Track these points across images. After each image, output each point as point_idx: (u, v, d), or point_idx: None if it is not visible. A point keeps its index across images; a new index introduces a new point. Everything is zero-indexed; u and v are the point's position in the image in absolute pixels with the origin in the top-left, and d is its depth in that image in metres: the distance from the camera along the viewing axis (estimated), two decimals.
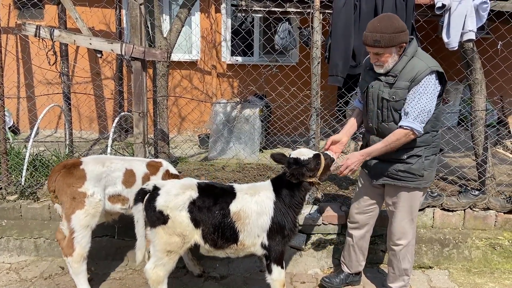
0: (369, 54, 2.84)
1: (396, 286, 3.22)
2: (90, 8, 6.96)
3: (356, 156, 2.84)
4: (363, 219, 3.29)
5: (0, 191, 4.17)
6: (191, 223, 2.75)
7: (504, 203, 3.88)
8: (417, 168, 2.88)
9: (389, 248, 3.21)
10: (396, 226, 3.09)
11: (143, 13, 3.85)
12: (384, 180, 3.01)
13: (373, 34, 2.68)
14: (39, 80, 7.26)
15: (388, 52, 2.71)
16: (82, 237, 3.05)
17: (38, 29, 3.85)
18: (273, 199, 2.84)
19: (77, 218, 3.03)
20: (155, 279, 2.81)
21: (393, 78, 2.78)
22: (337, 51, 3.95)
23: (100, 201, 3.09)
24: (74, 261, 3.05)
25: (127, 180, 3.21)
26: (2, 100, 4.20)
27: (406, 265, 3.14)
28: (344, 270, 3.46)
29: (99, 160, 3.20)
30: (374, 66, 2.84)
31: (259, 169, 5.38)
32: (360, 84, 3.09)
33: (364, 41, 2.77)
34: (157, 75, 4.78)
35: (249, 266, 3.75)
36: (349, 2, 3.90)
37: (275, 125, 5.97)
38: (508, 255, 3.82)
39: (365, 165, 3.09)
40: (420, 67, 2.72)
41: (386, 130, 2.87)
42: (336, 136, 3.07)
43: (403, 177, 2.92)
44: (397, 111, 2.81)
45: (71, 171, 3.05)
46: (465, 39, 3.83)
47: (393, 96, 2.78)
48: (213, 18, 7.53)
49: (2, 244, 3.91)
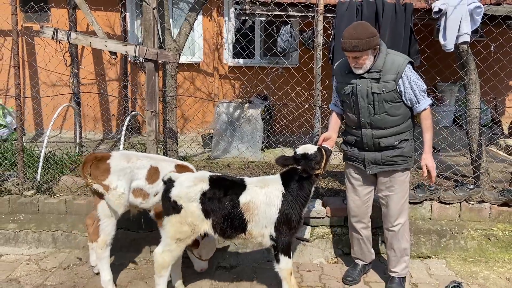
0: (348, 58, 3.11)
1: (400, 269, 3.41)
2: (95, 12, 7.16)
3: (430, 156, 3.13)
4: (363, 211, 3.49)
5: (18, 187, 4.34)
6: (202, 213, 2.93)
7: (497, 196, 4.10)
8: (408, 150, 3.21)
9: (388, 231, 3.40)
10: (394, 207, 3.32)
11: (156, 17, 4.05)
12: (379, 168, 3.25)
13: (351, 41, 2.96)
14: (43, 81, 7.43)
15: (365, 54, 3.00)
16: (107, 225, 3.26)
17: (56, 31, 4.03)
18: (282, 192, 3.01)
19: (102, 207, 3.24)
20: (161, 263, 2.98)
21: (377, 73, 3.07)
22: (341, 53, 4.16)
23: (123, 194, 3.26)
24: (98, 247, 3.26)
25: (150, 177, 3.36)
26: (20, 100, 4.38)
27: (405, 244, 3.38)
28: (359, 263, 3.63)
29: (126, 156, 3.37)
30: (354, 69, 3.11)
31: (262, 167, 5.58)
32: (338, 87, 3.32)
33: (343, 47, 3.03)
34: (167, 76, 4.98)
35: (257, 257, 3.94)
36: (352, 7, 4.13)
37: (278, 125, 6.18)
38: (502, 245, 4.04)
39: (356, 159, 3.34)
40: (399, 60, 3.08)
41: (379, 121, 3.15)
42: (326, 133, 3.34)
43: (397, 161, 3.20)
44: (387, 102, 3.09)
45: (98, 164, 3.24)
46: (460, 41, 4.05)
47: (383, 89, 3.07)
48: (215, 21, 7.73)
49: (21, 237, 4.10)
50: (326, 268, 3.80)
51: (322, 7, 4.12)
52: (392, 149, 3.19)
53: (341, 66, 3.29)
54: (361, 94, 3.14)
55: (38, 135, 7.54)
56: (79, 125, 5.67)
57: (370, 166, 3.28)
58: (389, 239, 3.42)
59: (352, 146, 3.36)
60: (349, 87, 3.19)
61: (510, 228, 4.06)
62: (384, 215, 3.43)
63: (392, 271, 3.45)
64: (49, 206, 4.15)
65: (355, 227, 3.55)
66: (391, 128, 3.16)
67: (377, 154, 3.23)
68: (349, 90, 3.19)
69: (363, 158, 3.29)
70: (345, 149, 3.44)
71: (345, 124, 3.43)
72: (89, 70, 7.57)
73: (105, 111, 7.66)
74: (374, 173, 3.31)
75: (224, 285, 3.48)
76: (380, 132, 3.18)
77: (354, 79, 3.16)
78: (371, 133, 3.20)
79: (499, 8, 4.62)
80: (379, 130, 3.17)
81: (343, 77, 3.25)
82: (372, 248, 3.64)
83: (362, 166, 3.33)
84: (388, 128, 3.16)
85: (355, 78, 3.15)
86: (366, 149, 3.27)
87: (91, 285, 3.44)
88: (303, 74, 5.14)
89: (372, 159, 3.25)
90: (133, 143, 6.42)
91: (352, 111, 3.26)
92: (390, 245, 3.43)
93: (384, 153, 3.20)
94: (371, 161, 3.26)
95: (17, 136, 4.39)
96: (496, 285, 3.56)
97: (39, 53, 6.44)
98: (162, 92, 5.26)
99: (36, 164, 4.61)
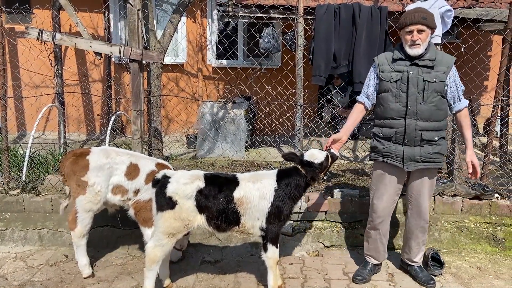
0: (407, 36, 3.10)
1: (420, 257, 3.59)
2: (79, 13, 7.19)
3: (473, 153, 3.22)
4: (389, 210, 3.51)
5: (3, 186, 4.38)
6: (196, 209, 3.03)
7: (469, 190, 4.31)
8: (445, 149, 3.29)
9: (418, 226, 3.47)
10: (424, 205, 3.40)
11: (140, 18, 4.14)
12: (417, 165, 3.25)
13: (420, 13, 3.09)
14: (26, 83, 7.42)
15: (427, 31, 3.11)
16: (83, 218, 3.39)
17: (41, 32, 4.09)
18: (275, 186, 3.13)
19: (80, 202, 3.35)
20: (153, 257, 3.06)
21: (431, 62, 3.14)
22: (320, 54, 4.34)
23: (99, 191, 3.34)
24: (75, 236, 3.43)
25: (130, 173, 3.44)
26: (4, 100, 4.42)
27: (426, 236, 3.57)
28: (371, 262, 3.64)
29: (105, 152, 3.45)
30: (411, 49, 3.11)
31: (246, 165, 5.71)
32: (383, 75, 3.25)
33: (410, 19, 3.07)
34: (151, 76, 5.07)
35: (241, 251, 4.07)
36: (330, 10, 4.30)
37: (260, 124, 6.32)
38: (474, 236, 4.24)
39: (393, 155, 3.29)
40: (448, 56, 3.23)
41: (425, 111, 3.17)
42: (337, 135, 3.32)
43: (435, 159, 3.25)
44: (437, 93, 3.16)
45: (77, 160, 3.32)
46: (433, 42, 4.26)
47: (434, 78, 3.14)
48: (199, 23, 7.84)
49: (7, 235, 4.14)
50: (307, 261, 3.94)
51: (302, 10, 4.28)
52: (431, 144, 3.21)
53: (386, 55, 3.32)
54: (412, 81, 3.14)
55: (21, 137, 7.51)
56: (63, 125, 5.70)
57: (408, 163, 3.25)
58: (417, 234, 3.50)
59: (389, 141, 3.30)
60: (397, 74, 3.19)
61: (481, 220, 4.26)
62: (415, 212, 3.46)
63: (414, 261, 3.58)
64: (34, 204, 4.20)
65: (376, 226, 3.54)
66: (434, 122, 3.19)
67: (416, 149, 3.21)
68: (398, 77, 3.19)
69: (401, 154, 3.25)
70: (378, 145, 3.36)
71: (381, 118, 3.33)
72: (73, 71, 7.60)
73: (89, 111, 7.68)
74: (409, 171, 3.31)
75: (209, 277, 3.60)
76: (424, 124, 3.17)
77: (404, 66, 3.18)
78: (415, 124, 3.17)
79: (470, 11, 4.86)
80: (424, 121, 3.17)
81: (390, 65, 3.24)
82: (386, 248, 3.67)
83: (399, 163, 3.28)
84: (432, 122, 3.18)
85: (406, 65, 3.17)
86: (405, 142, 3.22)
87: (78, 280, 3.51)
88: (285, 74, 5.29)
89: (411, 155, 3.23)
90: (118, 143, 6.48)
91: (397, 100, 3.21)
92: (416, 239, 3.51)
93: (424, 149, 3.21)
94: (410, 157, 3.23)
95: (2, 136, 4.42)
96: (468, 273, 3.75)
97: (23, 54, 6.44)
98: (146, 92, 5.34)
99: (21, 164, 4.64)
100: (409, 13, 3.13)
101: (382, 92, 3.29)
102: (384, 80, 3.25)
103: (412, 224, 3.51)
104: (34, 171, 4.72)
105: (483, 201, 4.26)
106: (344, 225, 4.24)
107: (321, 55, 4.29)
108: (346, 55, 4.40)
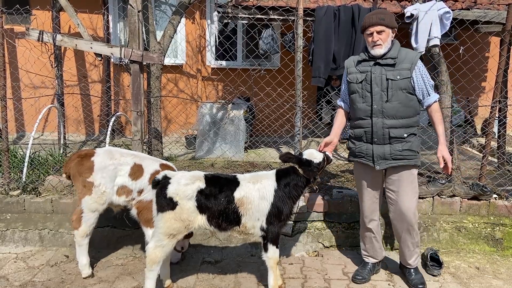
0: (369, 38, 3.20)
1: (414, 260, 3.52)
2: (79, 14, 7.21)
3: (445, 148, 3.21)
4: (375, 209, 3.54)
5: (3, 187, 4.39)
6: (197, 210, 3.05)
7: (467, 190, 4.34)
8: (416, 145, 3.29)
9: (403, 229, 3.42)
10: (406, 205, 3.33)
11: (141, 19, 4.16)
12: (388, 163, 3.28)
13: (378, 15, 3.16)
14: (25, 84, 7.43)
15: (387, 31, 3.17)
16: (88, 218, 3.42)
17: (42, 33, 4.11)
18: (274, 187, 3.15)
19: (86, 202, 3.38)
20: (153, 258, 3.07)
21: (392, 60, 3.19)
22: (319, 55, 4.36)
23: (104, 192, 3.38)
24: (78, 235, 3.45)
25: (134, 173, 3.46)
26: (4, 101, 4.43)
27: (417, 237, 3.47)
28: (370, 261, 3.66)
29: (109, 153, 3.47)
30: (373, 49, 3.20)
31: (245, 166, 5.73)
32: (350, 78, 3.35)
33: (368, 22, 3.16)
34: (151, 77, 5.08)
35: (241, 252, 4.09)
36: (329, 12, 4.33)
37: (260, 125, 6.34)
38: (472, 236, 4.27)
39: (364, 155, 3.36)
40: (412, 53, 3.26)
41: (391, 109, 3.21)
42: (328, 138, 3.42)
43: (406, 156, 3.25)
44: (402, 90, 3.19)
45: (82, 161, 3.34)
46: (431, 44, 4.29)
47: (397, 76, 3.18)
48: (198, 24, 7.86)
49: (7, 235, 4.15)
50: (307, 261, 3.96)
51: (302, 11, 4.29)
52: (401, 141, 3.23)
53: (354, 58, 3.40)
54: (375, 81, 3.21)
55: (20, 138, 7.52)
56: (63, 126, 5.71)
57: (379, 162, 3.30)
58: (405, 236, 3.45)
59: (360, 141, 3.37)
60: (362, 75, 3.27)
61: (480, 220, 4.29)
62: (396, 214, 3.42)
63: (409, 263, 3.54)
64: (35, 205, 4.21)
65: (367, 226, 3.58)
66: (402, 119, 3.22)
67: (386, 147, 3.26)
68: (362, 78, 3.27)
69: (371, 153, 3.31)
70: (352, 146, 3.45)
71: (353, 119, 3.43)
72: (73, 72, 7.61)
73: (88, 112, 7.70)
74: (383, 169, 3.34)
75: (209, 278, 3.61)
76: (391, 121, 3.22)
77: (367, 67, 3.25)
78: (382, 122, 3.23)
79: (468, 13, 4.89)
80: (390, 119, 3.22)
81: (356, 67, 3.33)
82: (382, 245, 3.70)
83: (370, 162, 3.33)
84: (399, 119, 3.21)
85: (369, 66, 3.25)
86: (375, 141, 3.28)
87: (79, 281, 3.52)
88: (284, 75, 5.32)
89: (381, 154, 3.28)
90: (117, 144, 6.49)
91: (364, 100, 3.28)
92: (405, 241, 3.47)
93: (393, 147, 3.24)
94: (380, 156, 3.28)
95: (3, 137, 4.43)
96: (466, 273, 3.78)
97: (23, 54, 6.45)
98: (146, 93, 5.36)
99: (21, 164, 4.65)
100: (368, 16, 3.22)
101: (351, 93, 3.39)
102: (351, 82, 3.36)
103: (397, 227, 3.48)
104: (34, 172, 4.73)
105: (482, 202, 4.28)
106: (343, 225, 4.26)
107: (320, 56, 4.32)
108: (346, 56, 4.44)
